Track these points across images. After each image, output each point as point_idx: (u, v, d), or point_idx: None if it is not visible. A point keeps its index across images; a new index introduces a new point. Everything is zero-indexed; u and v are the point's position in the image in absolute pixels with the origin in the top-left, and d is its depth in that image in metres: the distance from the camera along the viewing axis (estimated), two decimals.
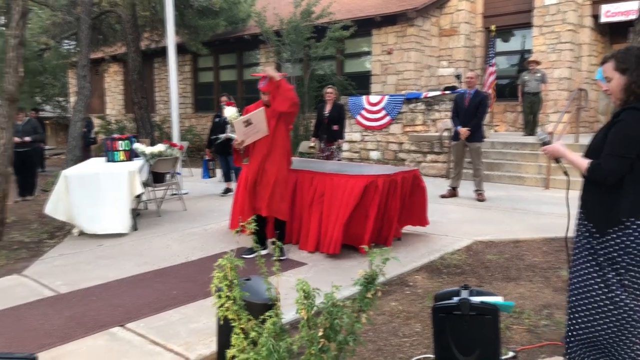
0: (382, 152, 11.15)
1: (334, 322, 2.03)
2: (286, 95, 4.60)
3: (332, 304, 2.07)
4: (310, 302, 2.07)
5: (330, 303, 2.06)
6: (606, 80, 2.31)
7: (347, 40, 12.72)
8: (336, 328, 2.05)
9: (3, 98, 6.00)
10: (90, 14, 11.64)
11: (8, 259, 5.16)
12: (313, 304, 2.04)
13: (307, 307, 2.05)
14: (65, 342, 3.24)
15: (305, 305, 2.05)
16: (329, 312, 2.06)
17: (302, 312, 2.05)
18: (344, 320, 2.05)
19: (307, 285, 2.07)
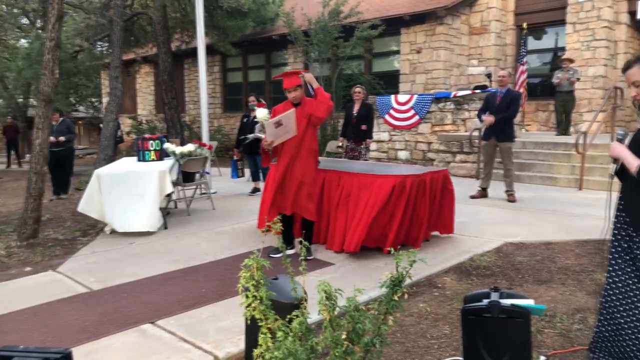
0: (410, 151, 11.06)
1: (356, 327, 2.02)
2: (325, 103, 4.68)
3: (355, 308, 2.06)
4: (332, 303, 2.06)
5: (353, 307, 2.05)
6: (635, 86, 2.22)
7: (376, 39, 12.66)
8: (359, 332, 2.03)
9: (39, 99, 6.18)
10: (123, 16, 11.88)
11: (43, 256, 5.31)
12: (335, 305, 2.03)
13: (329, 308, 2.04)
14: (99, 337, 3.31)
15: (327, 306, 2.05)
16: (351, 315, 2.05)
17: (324, 313, 2.05)
18: (366, 325, 2.03)
19: (328, 287, 2.06)
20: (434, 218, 5.32)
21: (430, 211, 5.17)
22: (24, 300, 4.03)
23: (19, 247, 5.66)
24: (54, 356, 1.70)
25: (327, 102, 4.69)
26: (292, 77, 4.80)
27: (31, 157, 6.22)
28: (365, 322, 2.04)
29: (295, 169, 4.75)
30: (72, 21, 14.70)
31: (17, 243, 5.80)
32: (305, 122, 4.72)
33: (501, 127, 7.32)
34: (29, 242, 5.83)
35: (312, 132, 4.84)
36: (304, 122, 4.72)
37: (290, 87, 4.73)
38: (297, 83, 4.75)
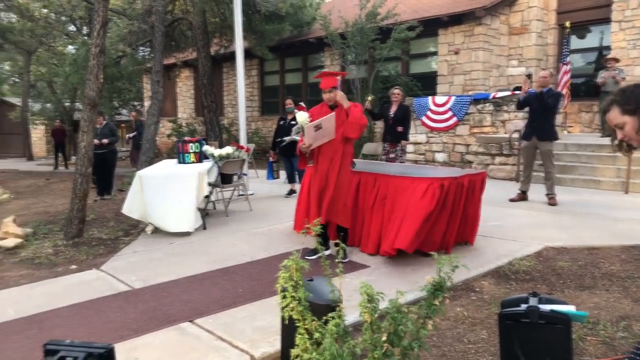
0: (448, 154, 10.92)
1: (398, 329, 2.02)
2: (357, 124, 4.69)
3: (397, 310, 2.05)
4: (373, 305, 2.06)
5: (395, 309, 2.05)
6: (618, 128, 2.11)
7: (413, 40, 12.56)
8: (400, 334, 2.03)
9: (85, 103, 6.40)
10: (164, 22, 12.18)
11: (88, 255, 5.50)
12: (377, 308, 2.03)
13: (370, 310, 2.05)
14: (140, 334, 3.41)
15: (369, 309, 2.05)
16: (393, 317, 2.05)
17: (366, 316, 2.05)
18: (409, 327, 2.02)
19: (370, 289, 2.06)
20: (470, 223, 5.22)
21: (465, 215, 5.08)
22: (69, 297, 4.19)
23: (65, 246, 5.87)
24: (98, 351, 1.76)
25: (359, 122, 4.69)
26: (329, 78, 4.82)
27: (77, 159, 6.45)
28: (407, 324, 2.03)
29: (332, 174, 4.76)
30: (116, 27, 15.16)
31: (63, 242, 6.02)
32: (342, 123, 4.72)
33: (542, 125, 7.15)
34: (74, 241, 6.04)
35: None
36: (340, 126, 4.72)
37: (326, 88, 4.75)
38: (333, 85, 4.76)
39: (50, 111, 20.81)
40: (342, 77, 4.95)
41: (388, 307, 2.07)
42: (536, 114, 7.18)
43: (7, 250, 5.79)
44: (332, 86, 4.75)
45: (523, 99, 7.31)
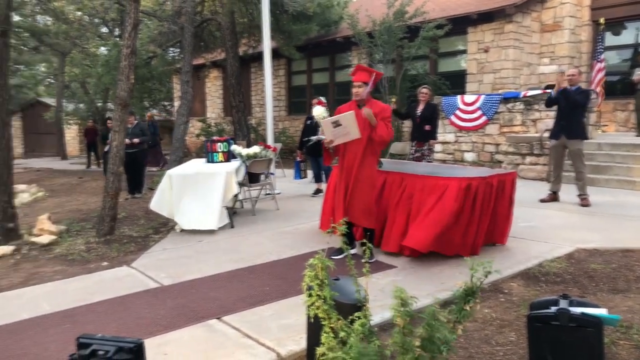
0: (477, 153, 10.78)
1: (435, 336, 2.00)
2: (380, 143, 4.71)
3: (433, 317, 2.03)
4: (406, 310, 2.05)
5: (431, 316, 2.03)
6: None
7: (441, 39, 12.44)
8: (435, 342, 2.01)
9: (116, 103, 6.54)
10: (193, 23, 12.35)
11: (119, 252, 5.62)
12: (410, 312, 2.02)
13: (402, 314, 2.03)
14: (169, 330, 3.47)
15: (402, 313, 2.04)
16: (429, 324, 2.03)
17: (398, 320, 2.04)
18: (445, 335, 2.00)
19: (404, 293, 2.05)
20: (500, 223, 5.14)
21: (495, 216, 5.00)
22: (101, 293, 4.29)
23: (97, 243, 6.01)
24: (128, 345, 1.80)
25: (383, 141, 4.70)
26: (363, 72, 4.78)
27: (108, 158, 6.60)
28: (444, 332, 2.01)
29: (358, 174, 4.74)
30: (147, 29, 15.44)
31: (95, 239, 6.17)
32: (369, 124, 4.69)
33: (571, 123, 7.00)
34: (106, 238, 6.18)
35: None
36: (367, 126, 4.69)
37: (355, 81, 4.72)
38: (364, 79, 4.70)
39: (83, 111, 21.32)
40: (377, 76, 4.87)
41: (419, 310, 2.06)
42: (564, 112, 7.04)
43: (42, 247, 5.97)
44: (363, 81, 4.69)
45: (553, 96, 7.16)
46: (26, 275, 4.96)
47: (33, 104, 27.25)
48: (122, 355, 1.75)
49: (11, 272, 5.13)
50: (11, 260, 5.54)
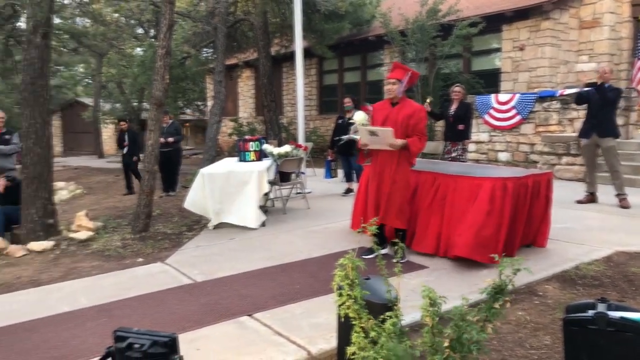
0: (511, 153, 10.58)
1: (462, 337, 1.98)
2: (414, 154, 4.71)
3: (462, 318, 2.01)
4: (435, 309, 2.03)
5: (460, 317, 2.01)
6: None
7: (475, 37, 12.25)
8: (464, 342, 1.99)
9: (151, 103, 6.68)
10: (226, 23, 12.50)
11: (153, 248, 5.74)
12: (439, 312, 2.00)
13: (432, 314, 2.02)
14: (201, 326, 3.53)
15: (431, 312, 2.03)
16: (457, 325, 2.01)
17: (427, 319, 2.03)
18: (473, 336, 1.98)
19: (433, 293, 2.04)
20: (535, 225, 5.03)
21: (529, 217, 4.89)
22: (136, 288, 4.39)
23: (133, 240, 6.15)
24: (162, 339, 1.84)
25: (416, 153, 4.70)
26: (398, 70, 4.74)
27: (144, 157, 6.74)
28: (472, 332, 1.99)
29: (390, 173, 4.71)
30: (181, 29, 15.69)
31: (131, 235, 6.31)
32: (400, 125, 4.65)
33: (603, 121, 6.81)
34: (141, 235, 6.32)
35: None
36: (400, 125, 4.65)
37: (390, 78, 4.70)
38: (398, 77, 4.66)
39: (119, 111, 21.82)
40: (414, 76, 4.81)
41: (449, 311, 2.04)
42: (596, 109, 6.84)
43: (80, 243, 6.14)
44: (398, 78, 4.65)
45: (583, 93, 6.98)
46: (65, 270, 5.12)
47: (72, 104, 28.06)
48: (157, 348, 1.79)
49: (51, 266, 5.30)
50: (51, 255, 5.72)
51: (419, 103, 11.94)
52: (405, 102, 4.73)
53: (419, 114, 4.65)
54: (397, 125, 4.62)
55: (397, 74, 4.69)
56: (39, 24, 6.27)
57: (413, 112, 4.64)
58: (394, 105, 4.73)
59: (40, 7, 6.23)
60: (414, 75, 4.77)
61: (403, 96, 4.74)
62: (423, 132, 4.69)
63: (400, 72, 4.71)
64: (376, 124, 4.82)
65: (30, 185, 6.33)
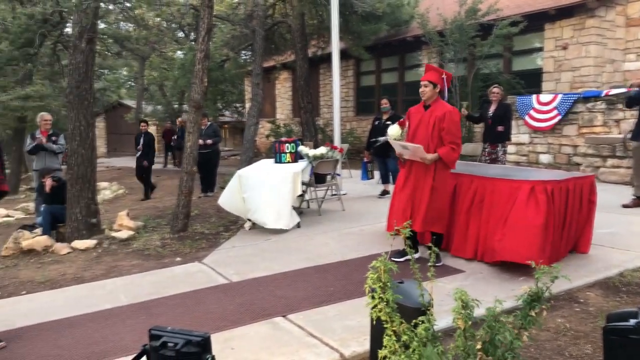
0: (553, 155, 10.29)
1: (495, 338, 1.94)
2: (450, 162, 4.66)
3: (495, 319, 1.98)
4: (468, 312, 2.00)
5: (492, 318, 1.98)
6: None
7: (516, 36, 11.98)
8: (496, 344, 1.95)
9: (190, 105, 6.81)
10: (264, 26, 12.63)
11: (191, 248, 5.85)
12: (471, 315, 1.97)
13: (464, 317, 1.99)
14: (236, 326, 3.57)
15: (463, 315, 2.00)
16: (490, 326, 1.98)
17: (459, 322, 2.00)
18: (506, 338, 1.94)
19: (465, 295, 2.01)
20: (577, 230, 4.86)
21: (571, 222, 4.73)
22: (174, 287, 4.49)
23: (171, 239, 6.29)
24: (196, 339, 1.88)
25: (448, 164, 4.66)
26: (430, 72, 4.70)
27: (183, 158, 6.88)
28: (505, 334, 1.95)
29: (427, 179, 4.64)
30: (220, 33, 15.95)
31: (170, 235, 6.46)
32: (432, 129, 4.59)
33: None
34: (179, 235, 6.45)
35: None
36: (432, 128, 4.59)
37: (423, 80, 4.66)
38: (430, 79, 4.62)
39: (160, 113, 22.36)
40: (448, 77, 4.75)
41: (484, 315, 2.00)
42: None
43: (121, 242, 6.32)
44: (430, 80, 4.61)
45: (634, 94, 6.71)
46: (107, 268, 5.28)
47: (115, 106, 28.93)
48: (190, 348, 1.82)
49: (94, 264, 5.47)
50: (94, 254, 5.91)
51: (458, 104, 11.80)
52: (437, 104, 4.68)
53: (450, 116, 4.58)
54: (429, 128, 4.58)
55: (429, 76, 4.65)
56: (84, 29, 6.50)
57: (444, 114, 4.58)
58: (427, 108, 4.69)
59: (85, 14, 6.46)
60: (448, 77, 4.71)
61: (437, 98, 4.69)
62: (456, 139, 4.59)
63: (432, 74, 4.67)
64: (411, 128, 4.81)
65: (74, 186, 6.56)
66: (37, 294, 4.62)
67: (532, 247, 4.30)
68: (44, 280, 4.96)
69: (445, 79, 4.66)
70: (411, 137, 4.79)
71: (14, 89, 12.22)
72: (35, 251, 6.08)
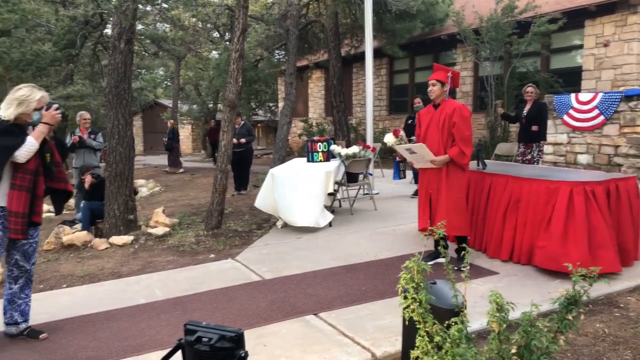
0: (592, 155, 10.00)
1: (532, 343, 1.90)
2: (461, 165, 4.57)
3: (531, 324, 1.94)
4: (502, 315, 1.97)
5: (528, 322, 1.94)
6: None
7: (554, 34, 11.69)
8: (532, 349, 1.92)
9: (225, 105, 6.90)
10: (298, 26, 12.68)
11: (225, 245, 5.93)
12: (506, 318, 1.94)
13: (499, 320, 1.96)
14: (268, 323, 3.61)
15: (497, 318, 1.97)
16: (525, 331, 1.94)
17: (494, 325, 1.97)
18: (543, 343, 1.90)
19: (500, 298, 1.98)
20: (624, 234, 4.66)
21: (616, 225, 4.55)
22: (208, 283, 4.56)
23: (206, 236, 6.39)
24: (229, 334, 1.91)
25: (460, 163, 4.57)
26: (438, 71, 4.68)
27: (217, 157, 6.98)
28: (542, 339, 1.91)
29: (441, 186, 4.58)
30: (254, 33, 16.09)
31: (204, 232, 6.56)
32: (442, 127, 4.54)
33: None
34: (213, 232, 6.55)
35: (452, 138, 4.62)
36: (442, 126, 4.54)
37: (430, 79, 4.64)
38: (438, 78, 4.61)
39: (195, 112, 22.71)
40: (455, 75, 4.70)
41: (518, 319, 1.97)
42: None
43: (157, 238, 6.46)
44: (437, 79, 4.60)
45: None
46: (143, 264, 5.41)
47: (152, 105, 29.53)
48: (224, 343, 1.85)
49: (131, 259, 5.61)
50: (131, 249, 6.06)
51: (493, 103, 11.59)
52: (446, 102, 4.66)
53: (460, 112, 4.53)
54: (439, 126, 4.56)
55: (437, 75, 4.65)
56: (123, 30, 6.67)
57: (454, 110, 4.55)
58: (437, 107, 4.65)
59: (125, 16, 6.62)
60: (455, 75, 4.67)
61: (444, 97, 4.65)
62: (465, 138, 4.51)
63: (440, 73, 4.65)
64: (421, 130, 4.83)
65: (113, 183, 6.74)
66: (76, 287, 4.77)
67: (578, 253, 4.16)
68: (84, 275, 5.12)
69: (451, 77, 4.62)
70: (422, 139, 4.77)
71: (56, 89, 12.63)
72: (75, 246, 6.28)
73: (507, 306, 1.95)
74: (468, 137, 4.53)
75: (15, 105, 3.32)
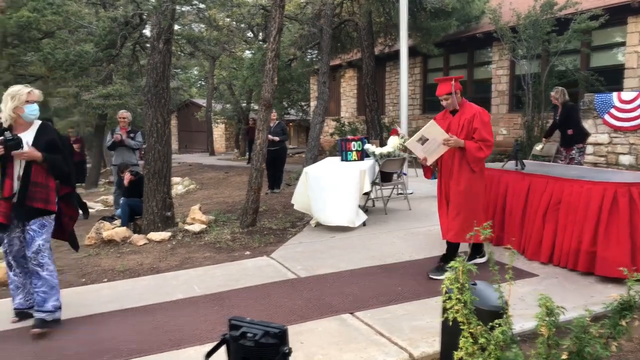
0: (635, 156, 9.69)
1: (585, 350, 1.86)
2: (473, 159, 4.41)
3: (584, 330, 1.90)
4: (552, 319, 1.94)
5: (582, 329, 1.90)
6: None
7: (595, 31, 11.36)
8: (585, 356, 1.87)
9: (260, 104, 6.96)
10: (332, 25, 12.69)
11: (260, 242, 5.99)
12: (556, 323, 1.90)
13: (548, 324, 1.93)
14: (304, 320, 3.63)
15: (547, 322, 1.93)
16: (578, 337, 1.90)
17: (543, 329, 1.94)
18: (597, 350, 1.85)
19: (550, 302, 1.94)
20: None
21: None
22: (245, 280, 4.62)
23: (241, 233, 6.47)
24: (273, 330, 1.93)
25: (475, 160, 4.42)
26: (443, 84, 4.53)
27: (252, 155, 7.05)
28: (596, 346, 1.87)
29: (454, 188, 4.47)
30: (288, 32, 16.17)
31: (239, 229, 6.64)
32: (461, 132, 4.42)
33: None
34: (248, 229, 6.62)
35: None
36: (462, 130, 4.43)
37: (440, 95, 4.53)
38: (447, 91, 4.46)
39: (229, 111, 22.99)
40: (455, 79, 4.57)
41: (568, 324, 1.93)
42: None
43: (194, 235, 6.57)
44: (447, 92, 4.46)
45: None
46: (181, 259, 5.51)
47: (187, 104, 30.06)
48: (268, 339, 1.87)
49: (168, 255, 5.73)
50: (168, 245, 6.18)
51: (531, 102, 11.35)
52: (464, 107, 4.53)
53: (480, 117, 4.40)
54: (457, 131, 4.43)
55: (443, 89, 4.48)
56: (162, 31, 6.80)
57: (473, 115, 4.41)
58: (454, 113, 4.55)
59: (164, 16, 6.75)
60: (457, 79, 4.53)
61: (463, 102, 4.55)
62: (486, 139, 4.39)
63: (444, 86, 4.49)
64: None
65: (151, 180, 6.88)
66: (117, 282, 4.89)
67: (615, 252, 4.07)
68: (123, 270, 5.25)
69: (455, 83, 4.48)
70: None
71: (96, 88, 12.98)
72: (114, 241, 6.44)
73: (558, 310, 1.91)
74: (489, 140, 4.41)
75: (9, 101, 3.66)
